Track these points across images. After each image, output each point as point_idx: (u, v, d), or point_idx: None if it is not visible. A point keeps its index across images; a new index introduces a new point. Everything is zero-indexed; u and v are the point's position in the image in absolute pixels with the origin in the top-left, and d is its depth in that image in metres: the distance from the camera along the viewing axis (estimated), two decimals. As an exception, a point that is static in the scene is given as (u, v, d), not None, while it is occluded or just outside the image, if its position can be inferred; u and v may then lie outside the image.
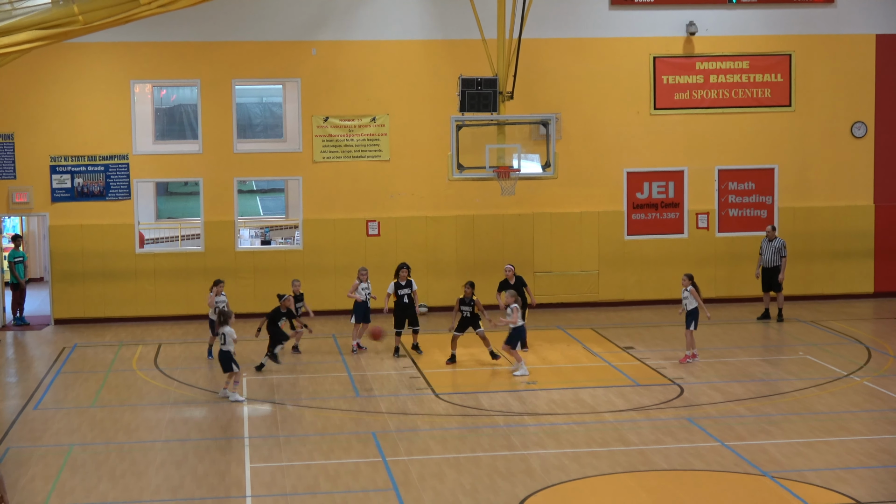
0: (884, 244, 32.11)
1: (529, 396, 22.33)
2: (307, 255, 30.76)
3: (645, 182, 31.65)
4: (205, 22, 30.13)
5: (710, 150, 31.72)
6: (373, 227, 30.85)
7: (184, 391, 23.29)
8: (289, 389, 23.29)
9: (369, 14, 30.61)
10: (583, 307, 31.24)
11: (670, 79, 31.48)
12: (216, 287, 25.68)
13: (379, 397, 22.47)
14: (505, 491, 16.99)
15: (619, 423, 20.43)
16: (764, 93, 31.72)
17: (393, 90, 30.77)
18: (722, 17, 31.50)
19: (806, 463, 18.08)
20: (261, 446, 19.42)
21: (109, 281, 30.19)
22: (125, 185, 30.29)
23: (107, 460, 18.78)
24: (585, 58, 31.18)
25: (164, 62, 30.33)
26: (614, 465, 18.10)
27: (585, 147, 31.22)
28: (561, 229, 31.30)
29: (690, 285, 24.83)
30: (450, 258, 30.94)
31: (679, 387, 22.90)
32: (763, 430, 19.88)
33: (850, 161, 32.04)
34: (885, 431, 19.78)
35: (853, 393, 22.42)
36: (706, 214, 31.78)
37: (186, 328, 29.65)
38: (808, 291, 31.94)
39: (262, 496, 17.00)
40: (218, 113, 30.49)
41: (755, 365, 24.75)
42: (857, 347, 26.41)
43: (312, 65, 30.55)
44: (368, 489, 17.19)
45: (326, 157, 30.67)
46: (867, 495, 16.57)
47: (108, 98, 30.21)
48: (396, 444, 19.31)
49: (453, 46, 30.52)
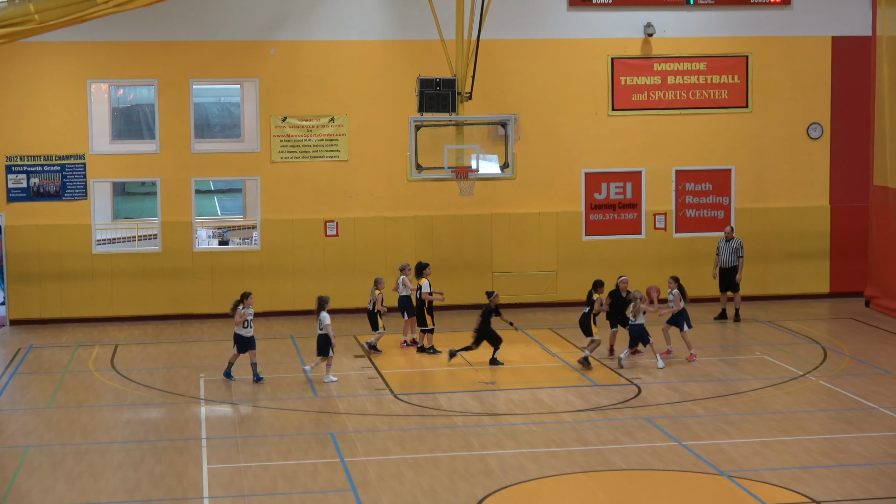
0: (840, 245, 32.31)
1: (488, 397, 22.35)
2: (265, 255, 30.67)
3: (603, 183, 31.74)
4: (162, 21, 29.98)
5: (667, 150, 31.84)
6: (331, 228, 30.79)
7: (141, 392, 23.17)
8: (247, 390, 23.22)
9: (328, 14, 30.55)
10: (541, 307, 31.29)
11: (628, 80, 31.57)
12: (245, 300, 23.87)
13: (337, 398, 22.44)
14: (464, 491, 17.00)
15: (578, 423, 20.48)
16: (721, 94, 31.86)
17: (351, 90, 30.72)
18: (680, 19, 31.62)
19: (763, 462, 18.18)
20: (218, 447, 19.35)
21: (66, 281, 30.00)
22: (81, 185, 30.11)
23: (63, 462, 18.67)
24: (544, 59, 31.24)
25: (121, 62, 30.16)
26: (573, 465, 18.14)
27: (544, 148, 31.27)
28: (519, 230, 31.35)
29: (676, 288, 24.94)
30: (408, 258, 30.81)
31: (637, 387, 22.98)
32: (720, 430, 19.97)
33: (806, 162, 32.23)
34: (841, 431, 19.91)
35: (809, 393, 22.56)
36: (664, 215, 31.90)
37: (144, 329, 29.50)
38: (764, 292, 32.11)
39: (220, 497, 16.94)
40: (175, 113, 30.34)
41: (712, 365, 24.86)
42: (814, 347, 26.57)
43: (271, 65, 30.46)
44: (327, 490, 17.16)
45: (285, 157, 30.59)
46: (823, 494, 16.67)
47: (64, 97, 30.01)
48: (355, 445, 19.28)
49: (412, 47, 30.50)
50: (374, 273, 28.09)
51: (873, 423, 20.33)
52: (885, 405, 21.42)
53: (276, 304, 30.55)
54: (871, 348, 26.47)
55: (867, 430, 19.93)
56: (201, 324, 30.03)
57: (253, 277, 30.41)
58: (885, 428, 20.03)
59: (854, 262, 32.14)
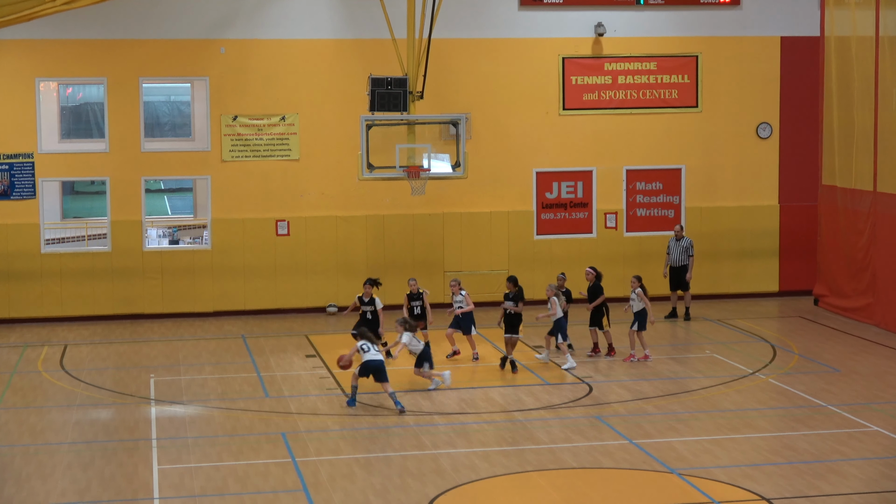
0: (789, 244, 32.54)
1: (439, 396, 22.35)
2: (216, 254, 30.53)
3: (554, 182, 31.81)
4: (112, 20, 29.78)
5: (618, 150, 31.96)
6: (282, 227, 30.69)
7: (90, 392, 23.02)
8: (197, 390, 23.12)
9: (278, 13, 30.45)
10: (493, 306, 31.26)
11: (579, 79, 31.66)
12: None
13: (289, 398, 22.38)
14: (415, 490, 17.00)
15: (529, 422, 20.52)
16: (671, 94, 32.02)
17: (302, 89, 30.64)
18: (630, 19, 31.75)
19: (713, 460, 18.28)
20: (169, 448, 19.26)
21: (14, 281, 29.74)
22: (30, 185, 29.87)
23: (11, 463, 18.53)
24: (495, 58, 31.28)
25: (70, 60, 29.95)
26: (524, 464, 18.18)
27: (495, 147, 31.31)
28: (471, 229, 31.37)
29: (639, 287, 24.95)
30: (360, 258, 30.87)
31: (588, 385, 23.05)
32: (671, 428, 20.07)
33: (755, 161, 32.44)
34: (790, 428, 20.05)
35: (759, 390, 22.70)
36: (614, 214, 32.02)
37: (93, 329, 29.31)
38: (714, 290, 32.28)
39: (171, 498, 16.86)
40: (125, 111, 30.16)
41: (663, 363, 24.97)
42: (763, 345, 26.75)
43: (221, 63, 30.33)
44: (278, 490, 17.12)
45: (235, 156, 30.48)
46: (773, 492, 16.79)
47: (12, 96, 29.76)
48: (306, 445, 19.24)
49: (363, 46, 30.46)
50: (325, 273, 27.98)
51: (822, 421, 20.48)
52: (834, 403, 21.59)
53: (227, 303, 30.43)
54: (820, 346, 26.67)
55: (816, 427, 20.07)
56: (151, 324, 29.87)
57: (203, 277, 30.29)
58: (833, 426, 20.19)
59: (803, 261, 32.38)
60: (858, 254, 29.71)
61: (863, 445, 19.08)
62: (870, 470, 17.85)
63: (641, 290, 25.00)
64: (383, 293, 25.99)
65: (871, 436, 19.64)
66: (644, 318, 24.91)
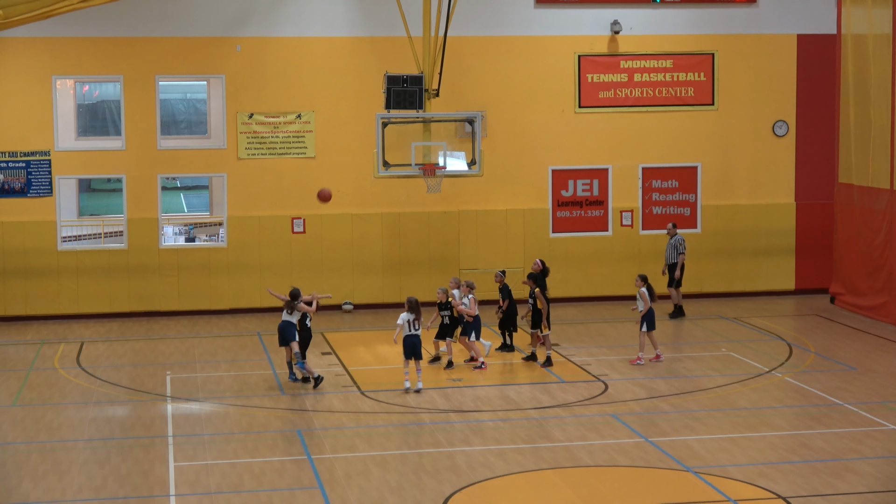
0: (805, 242, 32.47)
1: (455, 393, 22.36)
2: (232, 252, 30.57)
3: (570, 180, 31.79)
4: (128, 17, 29.84)
5: (634, 148, 31.92)
6: (298, 225, 30.72)
7: (107, 390, 23.08)
8: (213, 388, 23.16)
9: (294, 10, 30.48)
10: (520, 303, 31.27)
11: (595, 77, 31.63)
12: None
13: (304, 395, 22.40)
14: (431, 488, 17.01)
15: (545, 420, 20.51)
16: (687, 92, 31.97)
17: (318, 87, 30.66)
18: (646, 17, 31.70)
19: (729, 458, 18.26)
20: (185, 445, 19.29)
21: (30, 278, 29.83)
22: (47, 182, 29.95)
23: (28, 460, 18.58)
24: (511, 56, 31.26)
25: (87, 58, 30.02)
26: (539, 462, 18.17)
27: (511, 145, 31.30)
28: (486, 227, 31.36)
29: (644, 286, 24.68)
30: (375, 256, 30.88)
31: (603, 383, 23.03)
32: (686, 426, 20.04)
33: (771, 159, 32.37)
34: (806, 427, 20.02)
35: (775, 389, 22.67)
36: (630, 212, 31.98)
37: (109, 326, 29.37)
38: (730, 288, 32.23)
39: (186, 495, 16.89)
40: (141, 109, 30.21)
41: (678, 361, 24.94)
42: (779, 344, 26.70)
43: (237, 61, 30.37)
44: (294, 487, 17.14)
45: (251, 153, 30.51)
46: (789, 490, 16.76)
47: (29, 93, 29.84)
48: (322, 442, 19.26)
49: (379, 43, 30.47)
50: (341, 271, 27.99)
51: (838, 420, 20.44)
52: (850, 401, 21.54)
53: (243, 301, 30.47)
54: (836, 345, 26.61)
55: (832, 426, 20.04)
56: (167, 321, 29.93)
57: (219, 274, 30.34)
58: (849, 424, 20.15)
59: (819, 259, 32.31)
60: (875, 252, 29.64)
61: (879, 444, 19.04)
62: (886, 468, 17.81)
63: (646, 289, 24.77)
64: (398, 293, 25.96)
65: (888, 434, 19.60)
66: (652, 318, 24.72)
